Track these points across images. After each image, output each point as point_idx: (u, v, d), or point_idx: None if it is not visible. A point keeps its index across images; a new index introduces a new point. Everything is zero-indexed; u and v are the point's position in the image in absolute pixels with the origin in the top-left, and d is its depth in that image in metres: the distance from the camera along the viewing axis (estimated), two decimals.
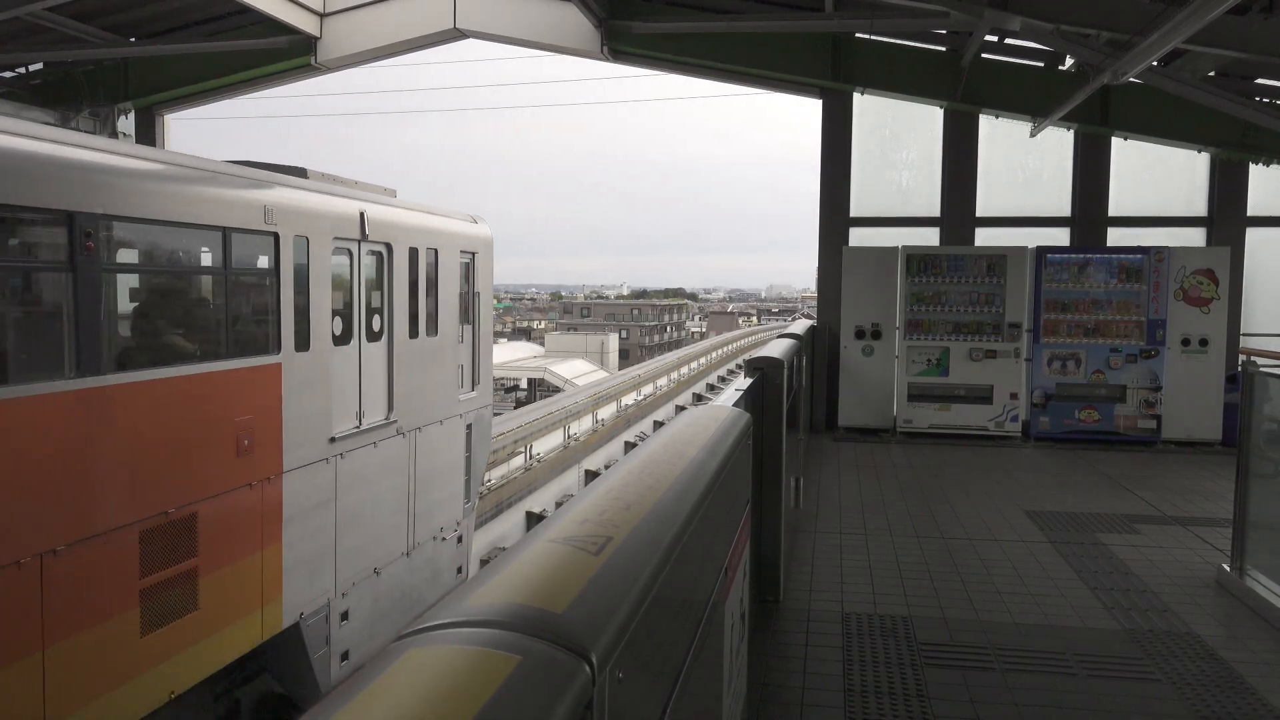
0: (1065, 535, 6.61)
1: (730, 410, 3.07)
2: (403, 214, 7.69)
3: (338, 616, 6.82)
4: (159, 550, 5.08)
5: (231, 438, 5.60)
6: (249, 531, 5.83)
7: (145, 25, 13.09)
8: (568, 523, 1.50)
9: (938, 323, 10.88)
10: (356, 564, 7.05)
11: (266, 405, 5.92)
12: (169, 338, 5.55)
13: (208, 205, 5.46)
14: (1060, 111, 10.24)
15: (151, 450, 5.04)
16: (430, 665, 0.94)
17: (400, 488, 7.69)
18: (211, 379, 5.50)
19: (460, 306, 8.70)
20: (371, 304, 7.17)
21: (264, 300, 6.03)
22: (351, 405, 6.95)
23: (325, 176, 6.87)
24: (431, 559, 8.24)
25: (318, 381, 6.44)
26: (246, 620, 5.86)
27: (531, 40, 12.60)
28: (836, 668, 4.29)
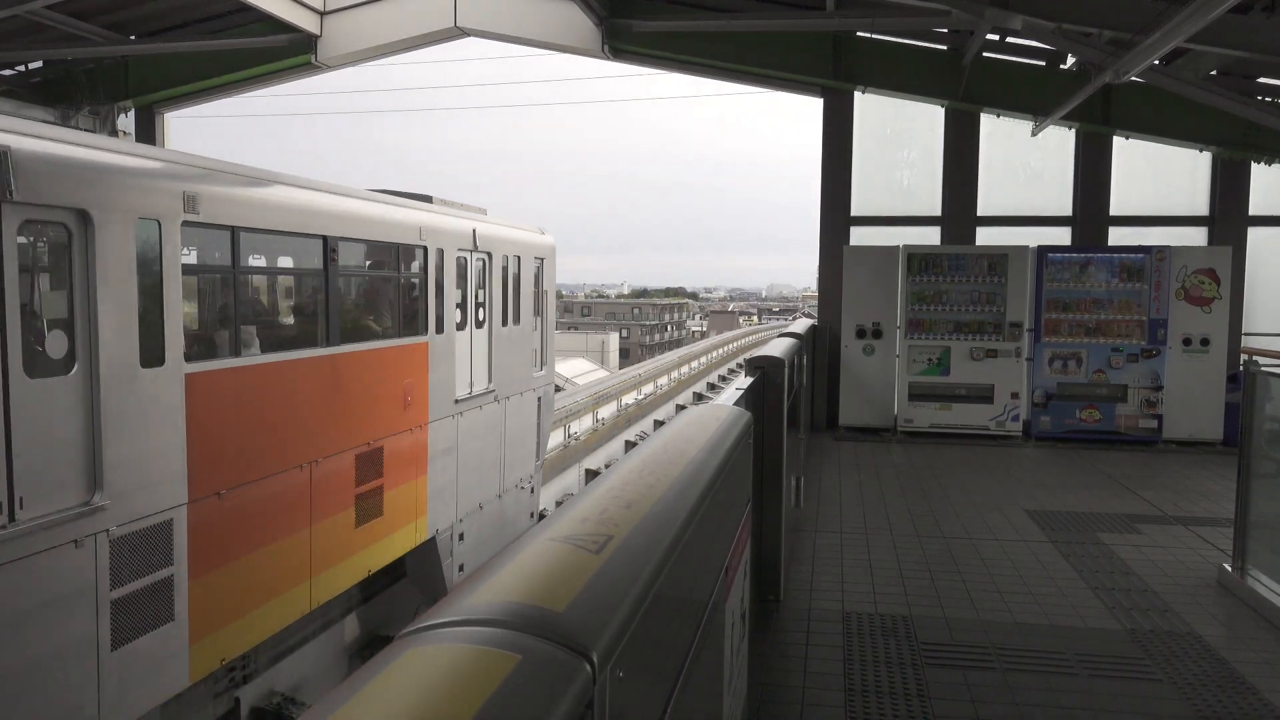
0: (1066, 535, 6.61)
1: (731, 409, 3.07)
2: (496, 228, 9.46)
3: (457, 537, 8.75)
4: (365, 469, 7.03)
5: (401, 394, 7.53)
6: (410, 464, 7.74)
7: (145, 23, 13.09)
8: (568, 521, 1.49)
9: (939, 322, 10.88)
10: (469, 499, 8.93)
11: (419, 372, 7.84)
12: (366, 321, 7.51)
13: (389, 228, 7.41)
14: (1061, 110, 10.23)
15: (360, 398, 6.96)
16: (430, 664, 0.94)
17: (495, 444, 9.56)
18: (390, 352, 7.43)
19: (533, 302, 10.56)
20: (478, 299, 9.03)
21: (417, 296, 7.96)
22: (467, 376, 8.80)
23: (444, 201, 8.74)
24: (514, 503, 10.09)
25: (448, 357, 8.36)
26: (406, 529, 7.78)
27: (532, 39, 12.60)
28: (837, 667, 4.29)
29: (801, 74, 11.89)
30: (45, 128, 4.46)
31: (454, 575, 8.59)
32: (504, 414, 9.65)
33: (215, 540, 5.39)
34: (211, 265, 5.78)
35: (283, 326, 6.79)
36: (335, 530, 6.65)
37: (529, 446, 10.56)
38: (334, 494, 6.62)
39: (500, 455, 9.65)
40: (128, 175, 4.79)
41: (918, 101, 11.69)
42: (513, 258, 9.79)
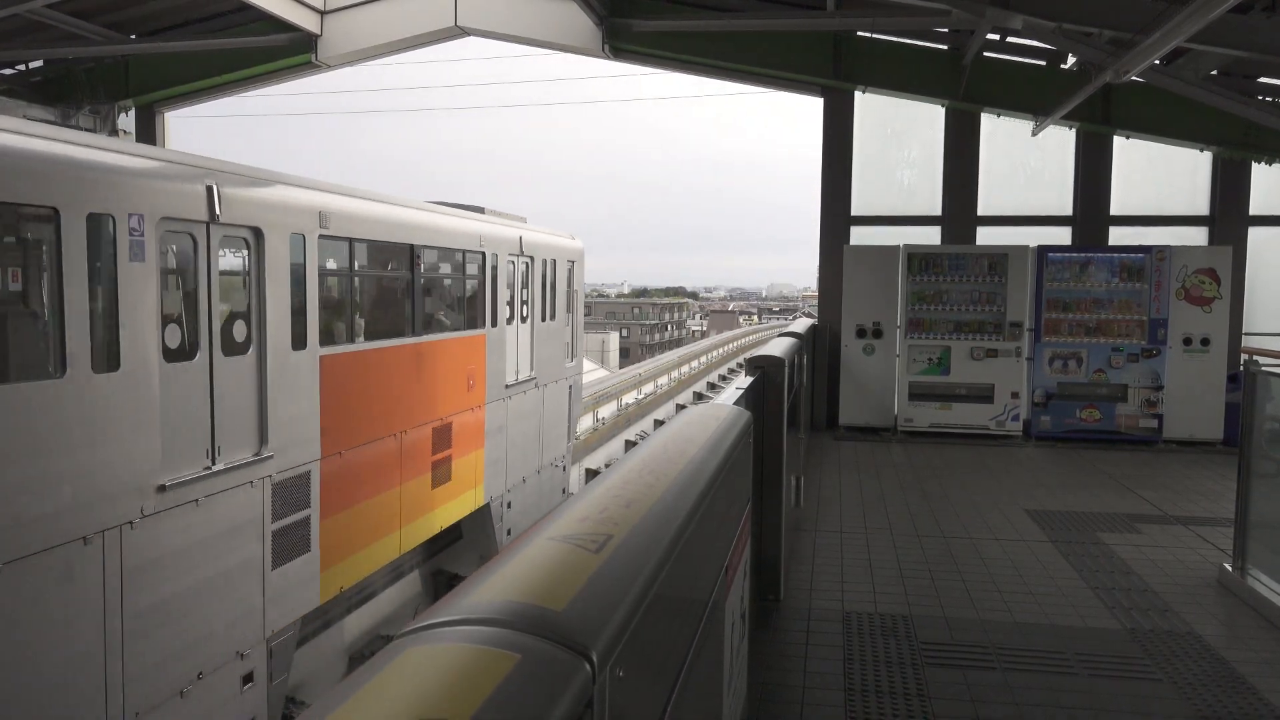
0: (1066, 534, 6.61)
1: (731, 409, 3.07)
2: (537, 234, 10.59)
3: (506, 505, 9.92)
4: (438, 440, 8.21)
5: (465, 378, 8.75)
6: (471, 438, 8.95)
7: (145, 23, 13.09)
8: (568, 520, 1.49)
9: (939, 321, 10.87)
10: (515, 472, 10.11)
11: (479, 360, 9.05)
12: (439, 316, 8.68)
13: (456, 236, 8.61)
14: (1062, 110, 10.23)
15: (435, 380, 8.14)
16: (430, 663, 0.94)
17: (535, 425, 10.74)
18: (457, 342, 8.64)
19: (565, 300, 11.69)
20: (522, 298, 10.14)
21: (477, 294, 9.14)
22: (514, 365, 9.97)
23: (494, 211, 9.86)
24: (550, 478, 11.33)
25: (500, 348, 9.55)
26: (468, 494, 8.98)
27: (532, 38, 12.60)
28: (837, 667, 4.29)
29: (802, 74, 11.89)
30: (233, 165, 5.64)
31: (503, 539, 9.78)
32: (543, 399, 10.93)
33: (337, 490, 6.61)
34: (335, 269, 6.94)
35: (382, 319, 7.84)
36: (417, 490, 7.92)
37: (562, 429, 11.86)
38: (417, 460, 7.92)
39: (539, 435, 10.93)
40: (286, 199, 6.04)
41: (918, 101, 11.69)
42: (549, 261, 10.96)
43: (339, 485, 6.60)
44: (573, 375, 12.11)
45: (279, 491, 5.91)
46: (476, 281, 9.11)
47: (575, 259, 12.00)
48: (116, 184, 4.61)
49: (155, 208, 4.81)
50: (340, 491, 6.63)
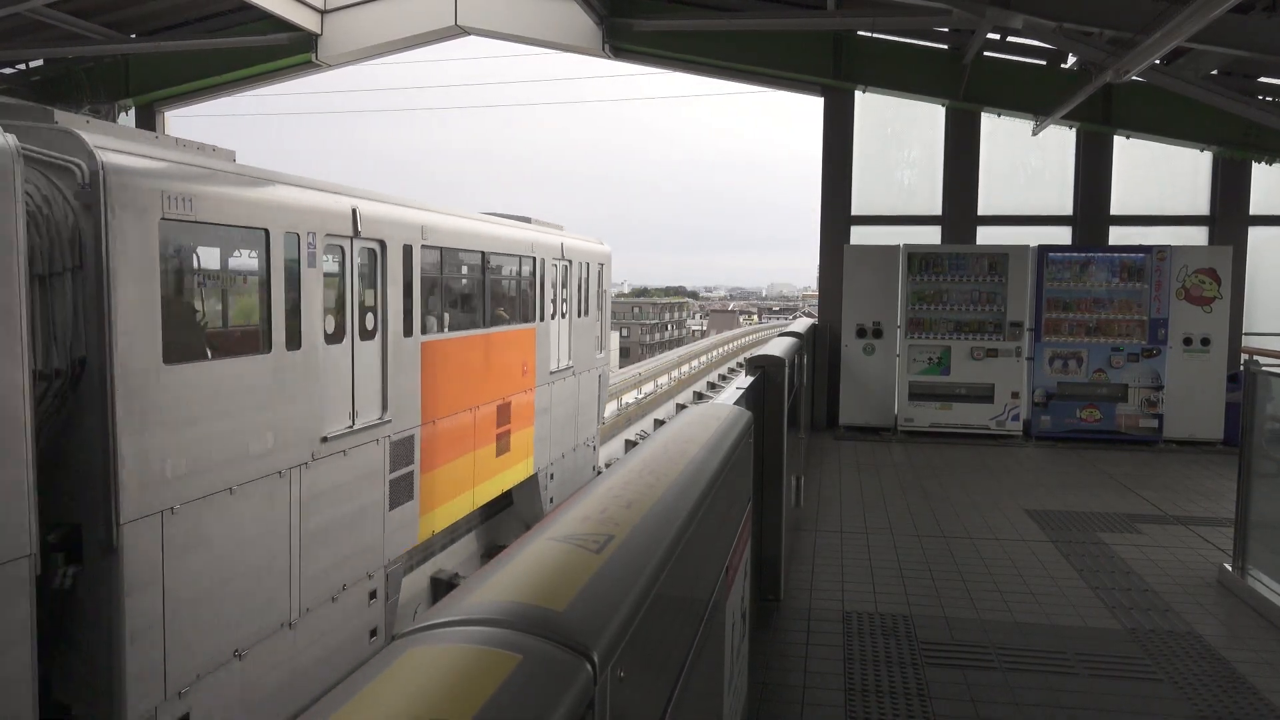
0: (1066, 534, 6.61)
1: (731, 409, 3.07)
2: (573, 240, 11.94)
3: (549, 476, 11.22)
4: (501, 416, 9.55)
5: (520, 365, 10.11)
6: (524, 416, 10.27)
7: (145, 22, 13.09)
8: (569, 520, 1.49)
9: (939, 321, 10.87)
10: (556, 448, 11.43)
11: (530, 350, 10.40)
12: (501, 311, 9.84)
13: (513, 244, 9.96)
14: (1062, 110, 10.23)
15: (499, 366, 9.52)
16: (431, 664, 0.94)
17: (572, 408, 12.09)
18: (514, 334, 9.95)
19: (596, 299, 13.08)
20: (561, 296, 11.45)
21: (530, 293, 10.51)
22: (557, 354, 11.30)
23: (539, 221, 11.21)
24: (583, 456, 12.72)
25: (546, 339, 10.86)
26: (521, 464, 10.30)
27: (533, 37, 12.60)
28: (837, 666, 4.29)
29: (802, 73, 11.89)
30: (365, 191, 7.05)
31: (547, 505, 11.05)
32: (578, 385, 12.31)
33: (431, 451, 8.05)
34: (430, 272, 8.18)
35: (461, 313, 9.21)
36: (485, 457, 9.30)
37: (592, 412, 13.26)
38: (485, 431, 9.28)
39: (575, 417, 12.27)
40: (399, 217, 7.45)
41: (918, 101, 11.69)
42: (584, 264, 12.32)
43: (432, 447, 8.10)
44: (601, 365, 13.58)
45: (394, 448, 7.38)
46: (528, 282, 10.53)
47: (604, 262, 13.44)
48: (301, 208, 6.09)
49: (322, 226, 6.31)
50: (433, 452, 8.11)
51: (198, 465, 5.09)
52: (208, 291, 5.85)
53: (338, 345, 6.53)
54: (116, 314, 4.49)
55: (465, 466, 8.81)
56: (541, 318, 10.71)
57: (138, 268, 4.64)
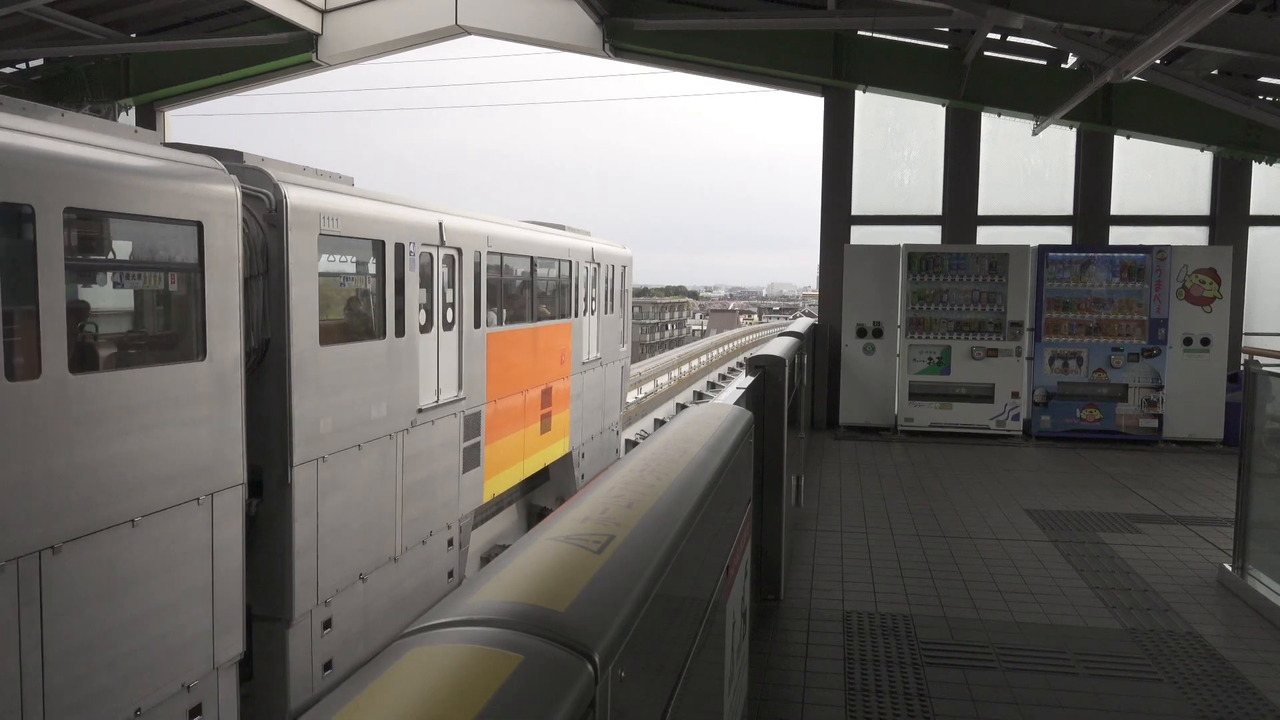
0: (1067, 534, 6.61)
1: (732, 408, 3.07)
2: (600, 245, 13.11)
3: (582, 455, 12.43)
4: (544, 400, 10.75)
5: (559, 355, 11.31)
6: (562, 401, 11.48)
7: (146, 21, 13.08)
8: (569, 521, 1.49)
9: (939, 321, 10.87)
10: (586, 431, 12.66)
11: (566, 342, 11.59)
12: (543, 308, 10.91)
13: (552, 249, 11.07)
14: (1063, 110, 10.22)
15: (542, 355, 10.70)
16: (432, 664, 0.94)
17: (600, 395, 13.27)
18: (554, 328, 11.14)
19: (619, 298, 14.30)
20: (591, 295, 12.64)
21: (566, 292, 11.65)
22: (587, 347, 12.52)
23: (573, 228, 12.55)
24: (608, 440, 13.95)
25: (579, 333, 12.10)
26: (559, 443, 11.46)
27: (533, 37, 12.59)
28: (837, 666, 4.29)
29: (803, 73, 11.89)
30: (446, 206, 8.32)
31: (578, 482, 12.11)
32: (604, 375, 13.48)
33: (493, 426, 9.31)
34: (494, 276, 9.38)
35: (515, 309, 10.20)
36: (532, 434, 10.48)
37: (616, 400, 14.47)
38: (532, 412, 10.45)
39: (602, 403, 13.47)
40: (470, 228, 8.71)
41: (919, 100, 11.69)
42: (609, 266, 13.49)
43: (495, 422, 9.32)
44: (623, 358, 14.80)
45: (467, 421, 8.64)
46: (565, 282, 11.67)
47: (626, 264, 14.64)
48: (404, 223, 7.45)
49: (418, 238, 7.61)
50: (495, 427, 9.35)
51: (339, 426, 6.46)
52: (345, 290, 7.23)
53: (428, 334, 7.89)
54: (291, 307, 5.86)
55: (517, 442, 10.12)
56: (575, 314, 11.95)
57: (305, 272, 6.01)
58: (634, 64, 12.65)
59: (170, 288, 5.37)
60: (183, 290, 5.25)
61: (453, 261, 8.29)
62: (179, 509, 5.00)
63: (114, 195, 4.57)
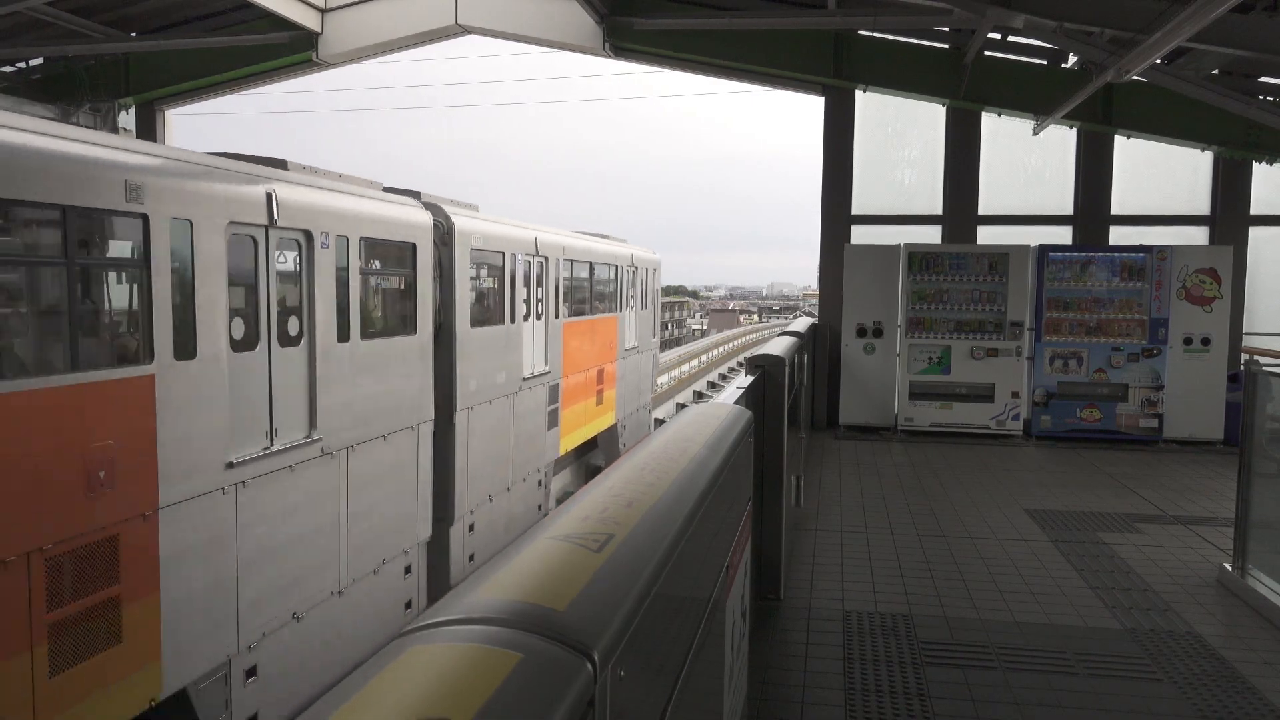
0: (1066, 534, 6.61)
1: (732, 408, 3.07)
2: (637, 251, 15.23)
3: (623, 427, 14.45)
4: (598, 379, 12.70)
5: (608, 343, 13.29)
6: (610, 381, 13.45)
7: (146, 20, 13.08)
8: (569, 520, 1.49)
9: (939, 321, 10.87)
10: (626, 408, 14.54)
11: (614, 332, 13.63)
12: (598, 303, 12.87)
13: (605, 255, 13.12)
14: (1063, 109, 10.22)
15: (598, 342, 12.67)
16: (431, 662, 0.94)
17: (636, 378, 15.28)
18: (606, 320, 13.15)
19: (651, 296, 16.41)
20: (630, 293, 14.65)
21: (613, 291, 13.63)
22: (627, 337, 14.44)
23: (613, 236, 14.37)
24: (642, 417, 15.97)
25: (624, 325, 14.21)
26: (607, 415, 13.41)
27: (533, 36, 12.59)
28: (837, 666, 4.29)
29: (803, 72, 11.88)
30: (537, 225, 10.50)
31: (621, 449, 14.08)
32: (640, 361, 15.58)
33: (566, 395, 11.33)
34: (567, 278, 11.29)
35: (579, 303, 12.10)
36: (590, 406, 12.49)
37: (648, 384, 16.75)
38: (590, 388, 12.45)
39: (639, 385, 15.53)
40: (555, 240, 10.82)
41: (919, 100, 11.68)
42: (644, 268, 15.66)
43: (567, 393, 11.32)
44: (654, 347, 17.20)
45: (550, 391, 10.67)
46: (613, 283, 13.70)
47: (657, 267, 17.01)
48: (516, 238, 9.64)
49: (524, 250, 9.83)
50: (567, 397, 11.34)
51: (480, 386, 8.78)
52: (482, 288, 9.11)
53: (528, 322, 9.99)
54: (456, 301, 8.24)
55: (581, 411, 12.14)
56: (620, 309, 14.05)
57: (463, 276, 8.34)
58: (634, 63, 12.65)
59: (399, 286, 7.71)
60: (405, 288, 7.65)
61: (542, 267, 10.44)
62: (405, 431, 7.47)
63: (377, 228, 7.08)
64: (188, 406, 4.98)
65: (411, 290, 7.64)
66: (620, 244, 14.55)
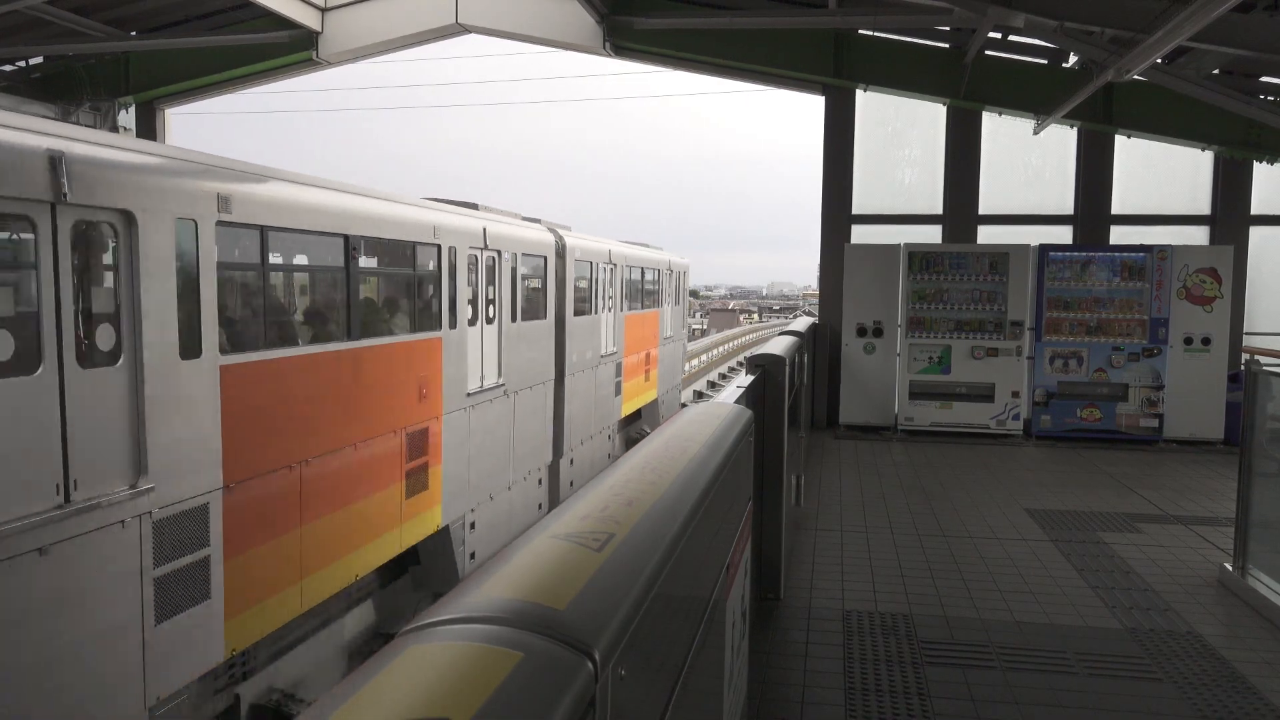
0: (1067, 534, 6.61)
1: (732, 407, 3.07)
2: (672, 257, 17.69)
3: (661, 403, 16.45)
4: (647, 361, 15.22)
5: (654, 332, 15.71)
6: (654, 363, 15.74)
7: (146, 19, 13.08)
8: (570, 519, 1.49)
9: (939, 320, 10.87)
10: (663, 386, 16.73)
11: (656, 324, 15.92)
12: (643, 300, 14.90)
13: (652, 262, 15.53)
14: (1064, 109, 10.21)
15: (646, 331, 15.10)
16: (432, 662, 0.93)
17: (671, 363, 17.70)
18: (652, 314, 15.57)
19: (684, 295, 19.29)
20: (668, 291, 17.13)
21: (657, 290, 16.03)
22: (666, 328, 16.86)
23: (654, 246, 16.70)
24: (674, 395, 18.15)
25: (664, 318, 16.60)
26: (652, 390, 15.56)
27: (534, 35, 12.59)
28: (837, 665, 4.29)
29: (803, 72, 11.88)
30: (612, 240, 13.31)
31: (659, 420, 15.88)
32: (674, 349, 18.11)
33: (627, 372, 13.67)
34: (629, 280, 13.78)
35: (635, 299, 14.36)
36: (640, 382, 14.65)
37: (679, 368, 19.31)
38: (641, 368, 14.73)
39: (673, 368, 18.10)
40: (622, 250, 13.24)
41: (919, 100, 11.68)
42: (678, 271, 18.26)
43: (627, 370, 13.56)
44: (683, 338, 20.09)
45: (616, 368, 12.90)
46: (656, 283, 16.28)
47: (686, 270, 19.79)
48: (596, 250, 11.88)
49: (606, 259, 12.13)
50: (627, 373, 13.58)
51: (578, 359, 11.12)
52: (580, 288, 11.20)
53: (600, 314, 12.08)
54: (566, 298, 10.64)
55: (635, 385, 14.38)
56: (661, 304, 16.64)
57: (570, 280, 10.68)
58: (635, 63, 12.65)
59: (534, 286, 9.98)
60: (541, 287, 10.09)
61: (613, 271, 12.72)
62: (542, 385, 10.03)
63: (526, 246, 9.45)
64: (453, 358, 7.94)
65: (544, 289, 10.27)
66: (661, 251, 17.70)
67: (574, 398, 11.06)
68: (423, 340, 7.27)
